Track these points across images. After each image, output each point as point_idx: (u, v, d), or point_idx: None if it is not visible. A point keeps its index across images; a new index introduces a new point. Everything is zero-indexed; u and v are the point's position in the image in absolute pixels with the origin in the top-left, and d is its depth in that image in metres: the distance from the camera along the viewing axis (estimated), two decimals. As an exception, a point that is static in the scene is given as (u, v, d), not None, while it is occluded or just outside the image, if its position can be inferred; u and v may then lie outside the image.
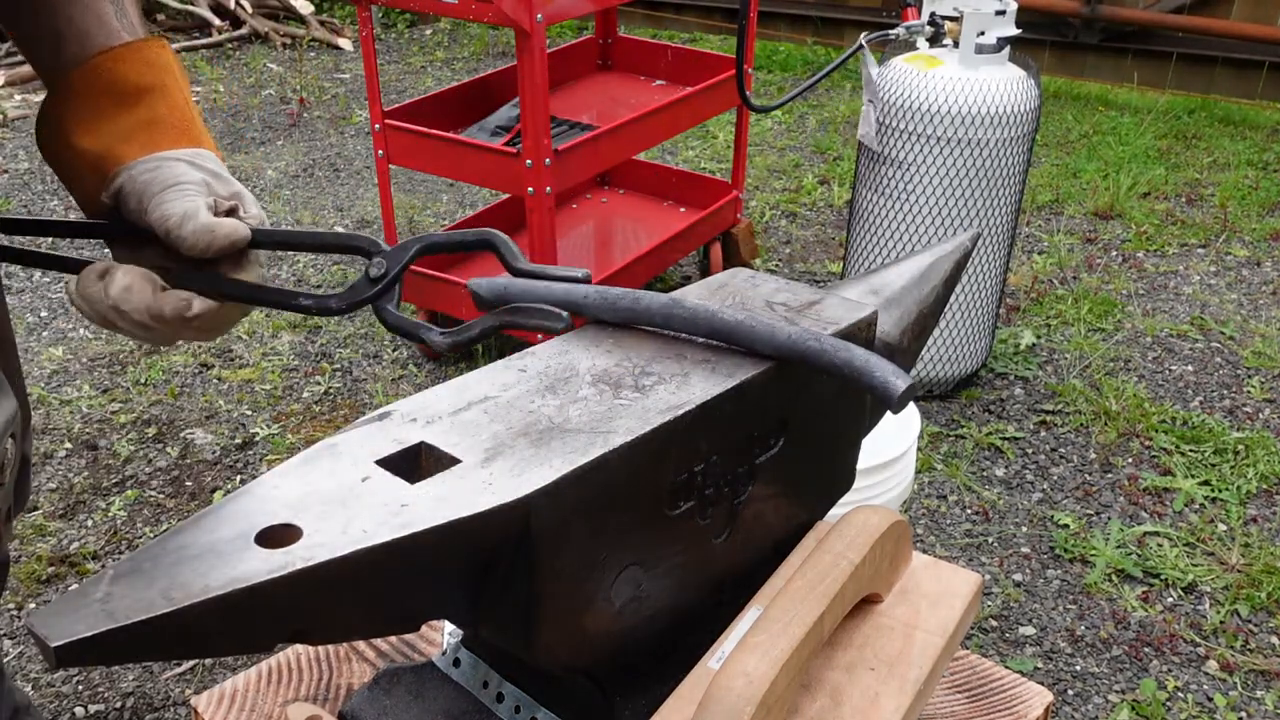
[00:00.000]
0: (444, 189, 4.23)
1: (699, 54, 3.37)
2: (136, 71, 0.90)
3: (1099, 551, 2.35)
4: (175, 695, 2.05)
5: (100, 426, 2.79)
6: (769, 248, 3.75)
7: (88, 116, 0.90)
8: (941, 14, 2.65)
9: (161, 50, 0.93)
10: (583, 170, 2.74)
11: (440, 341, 0.85)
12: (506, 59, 5.57)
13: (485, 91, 3.11)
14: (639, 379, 0.81)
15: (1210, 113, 4.94)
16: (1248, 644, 2.15)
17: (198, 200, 0.86)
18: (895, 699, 0.84)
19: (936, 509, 2.50)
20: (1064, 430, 2.77)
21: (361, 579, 0.63)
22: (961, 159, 2.54)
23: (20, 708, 1.25)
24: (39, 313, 3.32)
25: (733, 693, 0.73)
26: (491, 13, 2.43)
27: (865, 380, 0.77)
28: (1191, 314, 3.32)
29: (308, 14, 6.07)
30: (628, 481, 0.74)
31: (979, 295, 2.73)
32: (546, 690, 0.86)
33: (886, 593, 0.95)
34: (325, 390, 2.95)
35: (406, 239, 0.86)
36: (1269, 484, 2.57)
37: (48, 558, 2.34)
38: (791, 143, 4.68)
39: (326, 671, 1.02)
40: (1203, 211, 4.01)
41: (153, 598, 0.57)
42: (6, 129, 4.73)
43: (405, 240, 0.87)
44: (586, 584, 0.74)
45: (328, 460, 0.70)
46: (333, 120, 4.90)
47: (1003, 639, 2.16)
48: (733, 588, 0.90)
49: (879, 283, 1.05)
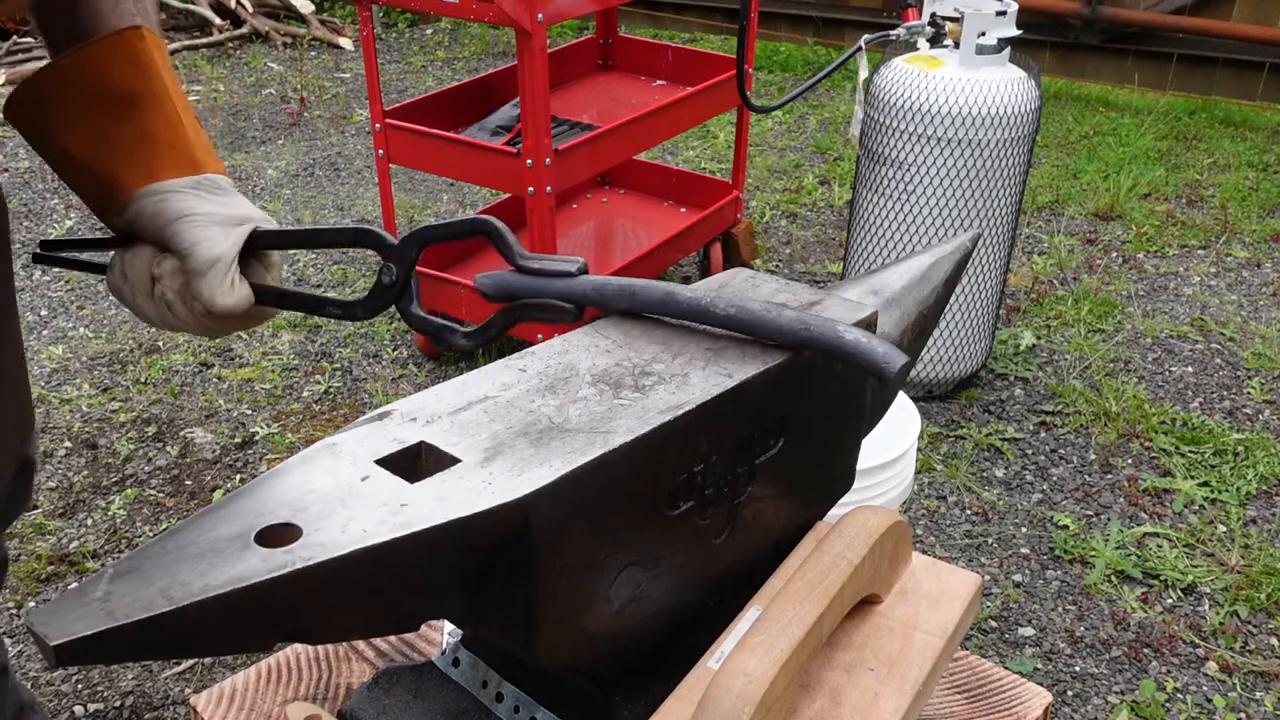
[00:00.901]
0: (444, 189, 4.23)
1: (699, 54, 3.37)
2: (123, 73, 0.90)
3: (1098, 552, 2.35)
4: (174, 694, 2.05)
5: (100, 425, 2.79)
6: (769, 248, 3.75)
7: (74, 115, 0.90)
8: (942, 15, 2.65)
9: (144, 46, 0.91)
10: (583, 170, 2.74)
11: (464, 344, 0.87)
12: (507, 59, 5.57)
13: (486, 91, 3.11)
14: (639, 379, 0.81)
15: (1211, 114, 4.94)
16: (1247, 645, 2.15)
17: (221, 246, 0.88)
18: (895, 699, 0.84)
19: (936, 509, 2.50)
20: (1064, 431, 2.77)
21: (361, 579, 0.63)
22: (962, 160, 2.54)
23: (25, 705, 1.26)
24: (39, 311, 3.32)
25: (732, 693, 0.73)
26: (492, 12, 2.43)
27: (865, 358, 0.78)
28: (1191, 315, 3.32)
29: (308, 13, 6.06)
30: (628, 481, 0.74)
31: (979, 296, 2.73)
32: (546, 690, 0.86)
33: (886, 593, 0.95)
34: (325, 390, 2.95)
35: (404, 236, 0.87)
36: (1269, 485, 2.57)
37: (47, 556, 2.34)
38: (792, 143, 4.68)
39: (326, 671, 1.02)
40: (1203, 213, 4.01)
41: (152, 597, 0.57)
42: (7, 127, 4.73)
43: (404, 238, 0.88)
44: (586, 584, 0.74)
45: (327, 460, 0.70)
46: (333, 120, 4.90)
47: (1002, 640, 2.16)
48: (732, 588, 0.90)
49: (879, 283, 1.05)
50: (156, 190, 0.89)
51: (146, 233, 0.90)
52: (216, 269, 0.88)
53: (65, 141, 0.90)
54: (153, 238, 0.90)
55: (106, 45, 0.90)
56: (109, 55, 0.90)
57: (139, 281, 0.92)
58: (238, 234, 0.90)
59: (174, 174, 0.90)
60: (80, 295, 3.42)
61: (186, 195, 0.89)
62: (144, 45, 0.91)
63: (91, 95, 0.89)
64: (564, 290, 0.84)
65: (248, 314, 0.92)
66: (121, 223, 0.91)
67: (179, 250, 0.88)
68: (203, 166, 0.91)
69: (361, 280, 3.49)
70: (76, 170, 0.91)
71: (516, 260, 0.86)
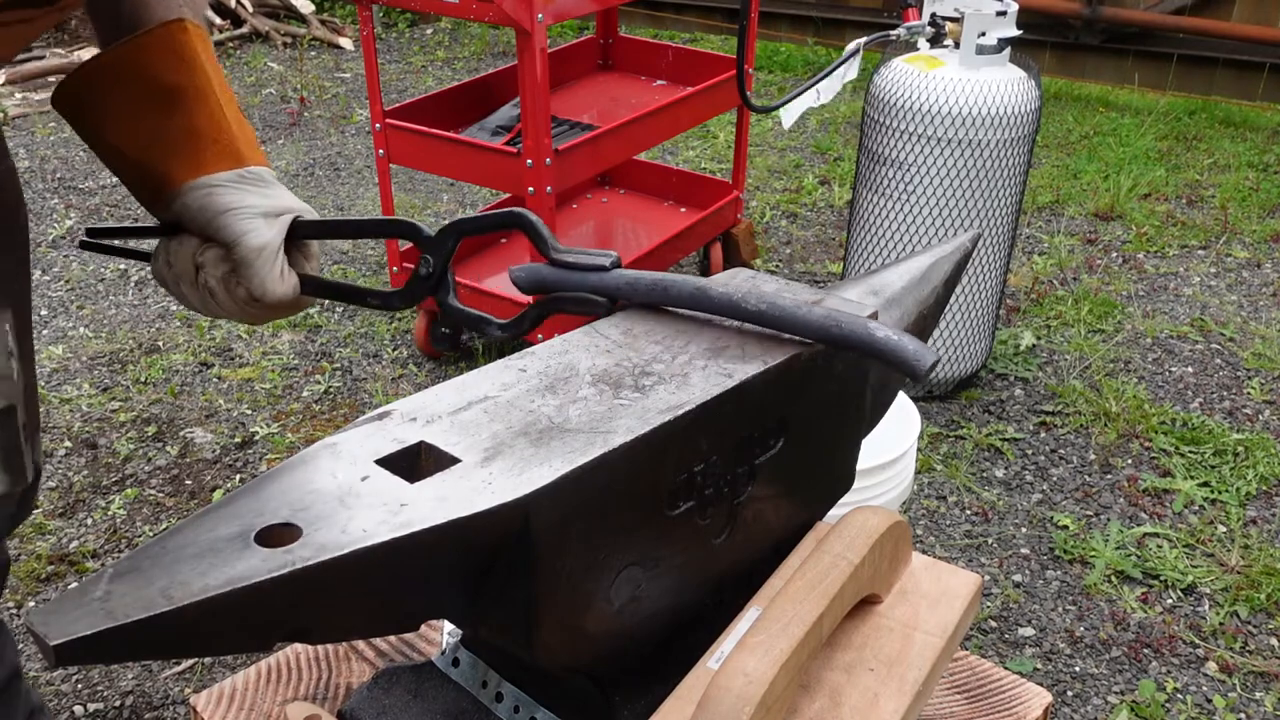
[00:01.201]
0: (444, 188, 4.23)
1: (700, 54, 3.37)
2: (167, 67, 0.92)
3: (1098, 552, 2.35)
4: (174, 694, 2.05)
5: (100, 425, 2.79)
6: (769, 248, 3.75)
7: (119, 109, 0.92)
8: (942, 15, 2.65)
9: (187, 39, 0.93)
10: (583, 170, 2.74)
11: (499, 334, 0.89)
12: (507, 59, 5.57)
13: (486, 91, 3.11)
14: (639, 379, 0.81)
15: (1211, 114, 4.94)
16: (1247, 645, 2.15)
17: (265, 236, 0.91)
18: (894, 700, 0.84)
19: (936, 510, 2.50)
20: (1064, 431, 2.77)
21: (361, 579, 0.63)
22: (962, 160, 2.54)
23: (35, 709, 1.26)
24: (39, 311, 3.32)
25: (732, 693, 0.73)
26: (492, 12, 2.43)
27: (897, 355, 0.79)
28: (1191, 315, 3.32)
29: (308, 13, 6.07)
30: (628, 481, 0.74)
31: (979, 296, 2.73)
32: (546, 690, 0.86)
33: (886, 593, 0.95)
34: (325, 389, 2.95)
35: (441, 227, 0.89)
36: (1269, 485, 2.58)
37: (47, 556, 2.34)
38: (792, 143, 4.68)
39: (325, 671, 1.02)
40: (1203, 213, 4.01)
41: (152, 596, 0.57)
42: (8, 127, 4.73)
43: (440, 230, 0.90)
44: (586, 584, 0.74)
45: (327, 460, 0.70)
46: (333, 119, 4.90)
47: (1002, 640, 2.16)
48: (732, 588, 0.90)
49: (879, 283, 1.05)
50: (203, 184, 0.91)
51: (193, 225, 0.92)
52: (264, 257, 0.91)
53: (110, 135, 0.92)
54: (199, 229, 0.93)
55: (151, 39, 0.91)
56: (153, 49, 0.92)
57: (183, 270, 0.95)
58: (281, 223, 0.93)
59: (219, 167, 0.92)
60: (80, 295, 3.42)
61: (232, 189, 0.92)
62: (187, 38, 0.93)
63: (136, 89, 0.91)
64: (597, 284, 0.85)
65: (292, 302, 0.95)
66: (168, 214, 0.94)
67: (226, 241, 0.91)
68: (246, 159, 0.94)
69: (362, 280, 3.49)
70: (122, 163, 0.94)
71: (550, 253, 0.86)
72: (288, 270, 0.93)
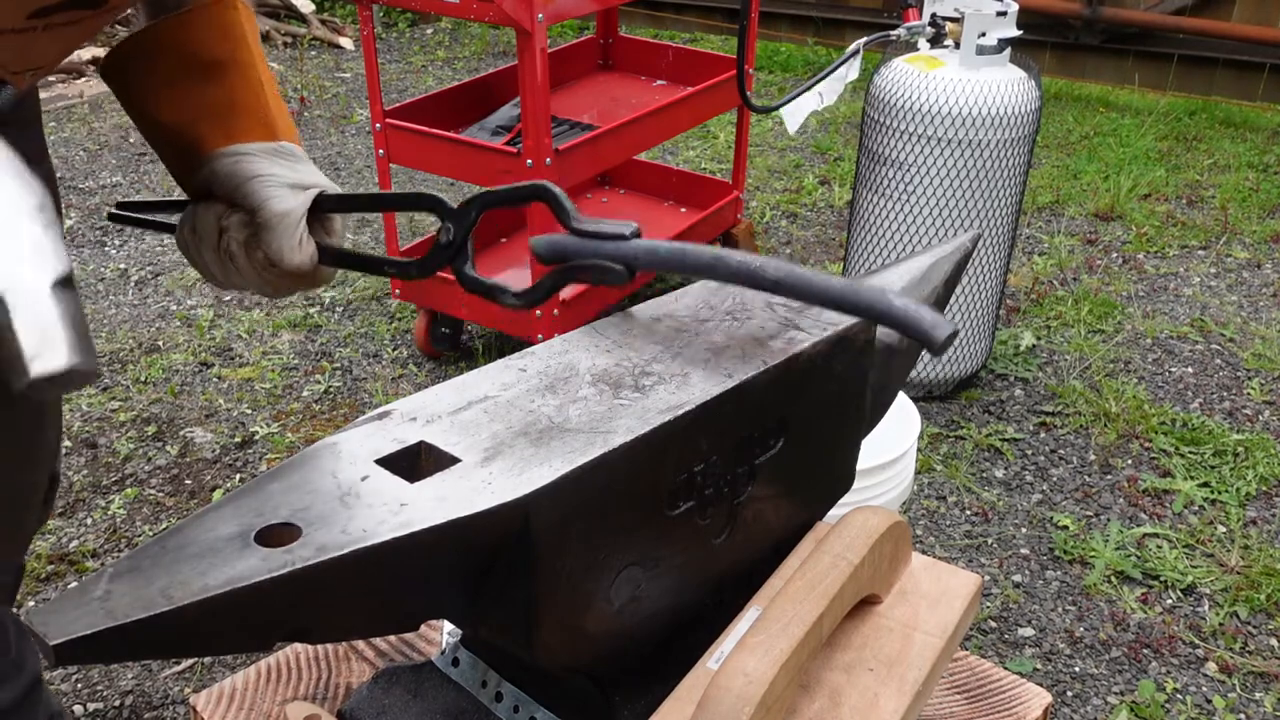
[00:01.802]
0: (444, 188, 4.23)
1: (700, 54, 3.37)
2: (212, 41, 0.94)
3: (1098, 553, 2.35)
4: (174, 694, 2.05)
5: (100, 424, 2.79)
6: (769, 248, 3.75)
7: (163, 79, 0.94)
8: (942, 15, 2.65)
9: (235, 17, 0.96)
10: (583, 170, 2.74)
11: (515, 303, 0.88)
12: (507, 59, 5.57)
13: (486, 91, 3.11)
14: (639, 379, 0.81)
15: (1211, 114, 4.94)
16: (1247, 646, 2.15)
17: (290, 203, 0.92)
18: (894, 700, 0.84)
19: (936, 510, 2.50)
20: (1064, 432, 2.77)
21: (361, 579, 0.63)
22: (962, 160, 2.54)
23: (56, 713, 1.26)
24: (39, 311, 3.32)
25: (732, 693, 0.73)
26: (492, 12, 2.43)
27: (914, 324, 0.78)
28: (1191, 316, 3.32)
29: (309, 13, 6.06)
30: (628, 481, 0.74)
31: (979, 296, 2.73)
32: (546, 690, 0.86)
33: (886, 593, 0.95)
34: (325, 389, 2.95)
35: (465, 199, 0.90)
36: (1268, 486, 2.58)
37: (47, 556, 2.34)
38: (792, 143, 4.68)
39: (325, 671, 1.02)
40: (1203, 213, 4.01)
41: (152, 596, 0.57)
42: (7, 127, 4.73)
43: (466, 201, 0.90)
44: (586, 584, 0.74)
45: (328, 459, 0.70)
46: (333, 119, 4.90)
47: (1002, 640, 2.16)
48: (732, 588, 0.90)
49: (879, 284, 1.05)
50: (235, 151, 0.93)
51: (221, 190, 0.94)
52: (286, 223, 0.92)
53: (152, 104, 0.94)
54: (225, 195, 0.94)
55: (200, 13, 0.94)
56: (201, 23, 0.94)
57: (206, 234, 0.95)
58: (306, 195, 0.94)
59: (253, 138, 0.94)
60: (80, 294, 3.42)
61: (262, 158, 0.93)
62: (235, 16, 0.96)
63: (180, 60, 0.93)
64: (615, 252, 0.85)
65: (311, 273, 0.96)
66: (198, 180, 0.95)
67: (251, 206, 0.92)
68: (280, 134, 0.95)
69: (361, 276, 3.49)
70: (162, 131, 0.95)
71: (571, 223, 0.86)
72: (307, 238, 0.94)
